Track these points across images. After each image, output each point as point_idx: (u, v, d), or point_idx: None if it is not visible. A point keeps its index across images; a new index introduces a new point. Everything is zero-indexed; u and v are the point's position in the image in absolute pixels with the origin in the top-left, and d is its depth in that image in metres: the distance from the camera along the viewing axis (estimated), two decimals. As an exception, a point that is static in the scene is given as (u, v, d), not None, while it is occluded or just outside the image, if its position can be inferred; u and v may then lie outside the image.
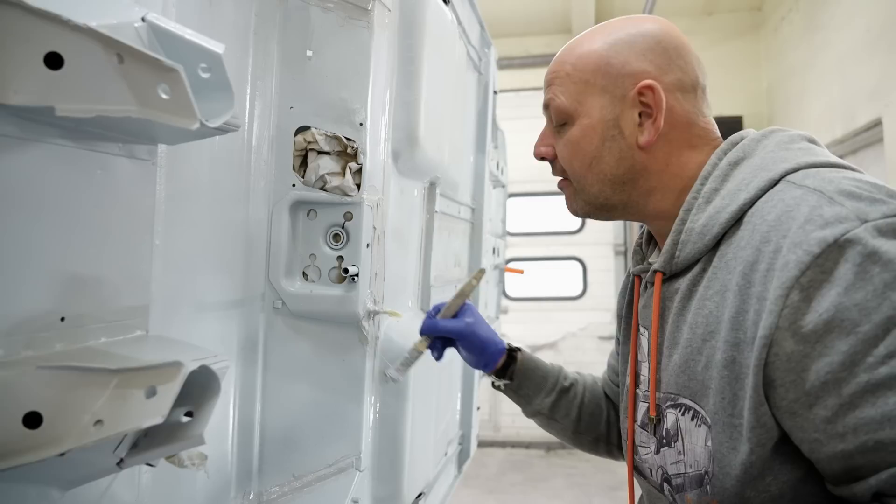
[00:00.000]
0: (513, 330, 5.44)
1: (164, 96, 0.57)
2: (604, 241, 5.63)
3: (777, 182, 0.71)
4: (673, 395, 0.78)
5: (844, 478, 0.62)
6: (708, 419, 0.71)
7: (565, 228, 5.71)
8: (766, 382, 0.64)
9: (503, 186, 2.43)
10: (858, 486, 0.60)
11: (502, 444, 5.58)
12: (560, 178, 0.89)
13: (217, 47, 0.60)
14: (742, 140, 0.80)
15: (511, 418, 5.50)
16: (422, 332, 1.06)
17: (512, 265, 5.21)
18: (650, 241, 0.97)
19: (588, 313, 5.58)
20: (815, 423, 0.61)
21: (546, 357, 1.12)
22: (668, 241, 0.80)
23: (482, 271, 1.15)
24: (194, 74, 0.62)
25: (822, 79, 4.17)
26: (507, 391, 1.10)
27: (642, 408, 0.87)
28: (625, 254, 5.57)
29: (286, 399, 1.07)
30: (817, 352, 0.60)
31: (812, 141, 0.78)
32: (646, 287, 0.90)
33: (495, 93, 2.03)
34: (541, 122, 0.90)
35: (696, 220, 0.77)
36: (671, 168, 0.82)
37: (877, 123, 3.42)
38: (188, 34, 0.61)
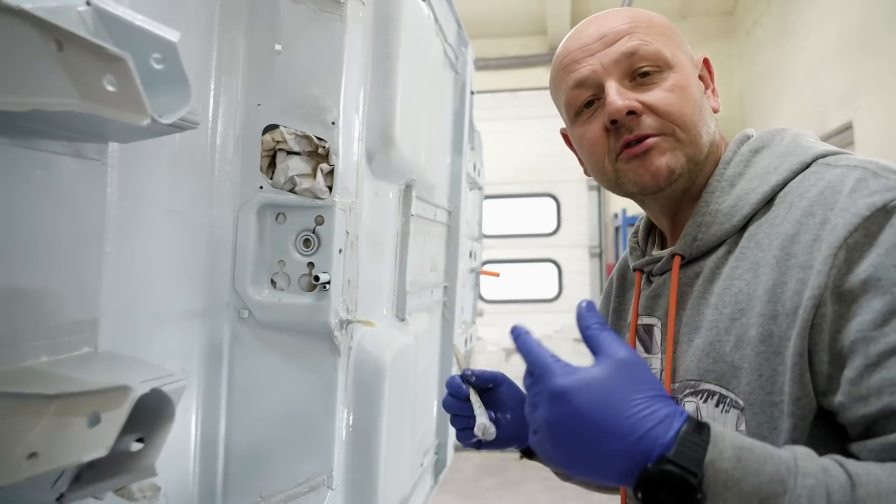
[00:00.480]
0: (488, 333, 5.41)
1: (109, 88, 0.50)
2: (579, 243, 5.63)
3: (808, 165, 0.71)
4: (693, 382, 0.74)
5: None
6: (740, 401, 0.67)
7: (541, 230, 5.70)
8: (809, 347, 0.61)
9: (480, 189, 2.38)
10: (873, 443, 0.57)
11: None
12: (649, 135, 0.75)
13: (172, 35, 0.54)
14: (752, 135, 0.81)
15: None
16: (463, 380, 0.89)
17: (487, 267, 5.18)
18: (647, 237, 0.94)
19: (563, 315, 5.57)
20: (841, 385, 0.59)
21: (520, 359, 1.05)
22: (691, 223, 0.77)
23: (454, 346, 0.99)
24: (146, 65, 0.56)
25: (794, 82, 4.21)
26: None
27: None
28: (599, 255, 5.58)
29: (253, 414, 1.00)
30: (853, 311, 0.58)
31: (815, 138, 0.78)
32: (649, 281, 0.87)
33: (472, 93, 1.98)
34: (517, 125, 0.85)
35: (720, 201, 0.75)
36: (723, 144, 0.83)
37: (847, 127, 3.46)
38: (139, 20, 0.55)
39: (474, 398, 0.86)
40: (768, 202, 0.71)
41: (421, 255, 1.54)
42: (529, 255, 5.68)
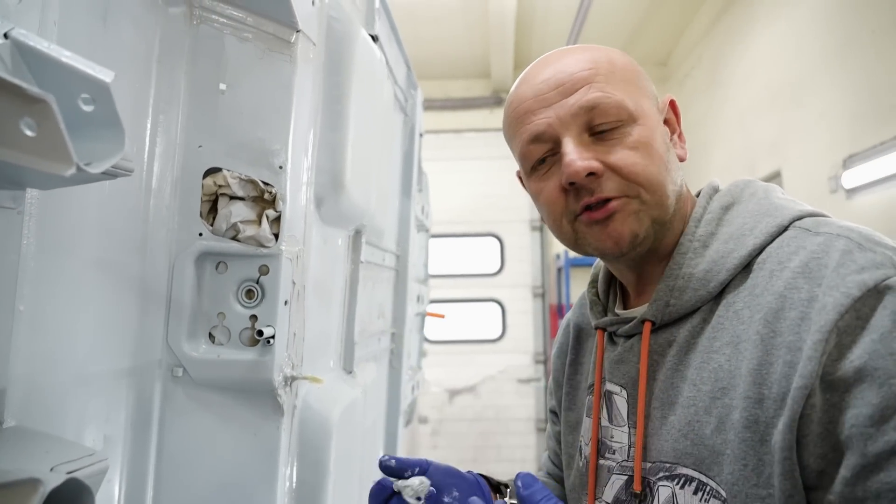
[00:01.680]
0: (433, 373, 5.32)
1: (28, 133, 0.44)
2: (522, 283, 5.65)
3: (786, 228, 0.67)
4: (668, 465, 0.67)
5: None
6: (722, 492, 0.61)
7: (484, 271, 5.71)
8: (798, 439, 0.56)
9: (427, 230, 2.35)
10: None
11: (420, 493, 5.38)
12: (611, 198, 0.70)
13: (105, 75, 0.49)
14: (719, 187, 0.78)
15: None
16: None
17: (432, 308, 5.13)
18: (607, 292, 0.88)
19: (507, 356, 5.55)
20: (835, 484, 0.54)
21: (465, 400, 1.00)
22: (662, 287, 0.72)
23: None
24: (73, 107, 0.50)
25: (725, 131, 4.41)
26: None
27: (617, 482, 0.74)
28: (542, 296, 5.61)
29: (184, 484, 0.91)
30: (846, 402, 0.54)
31: (784, 193, 0.76)
32: (612, 341, 0.81)
33: (421, 135, 1.96)
34: (461, 165, 0.81)
35: (694, 264, 0.71)
36: (689, 198, 0.78)
37: (776, 175, 3.62)
38: (66, 57, 0.48)
39: (401, 483, 0.79)
40: (745, 267, 0.67)
41: (369, 301, 1.48)
42: (473, 294, 5.66)
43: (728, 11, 4.34)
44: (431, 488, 0.80)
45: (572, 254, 5.22)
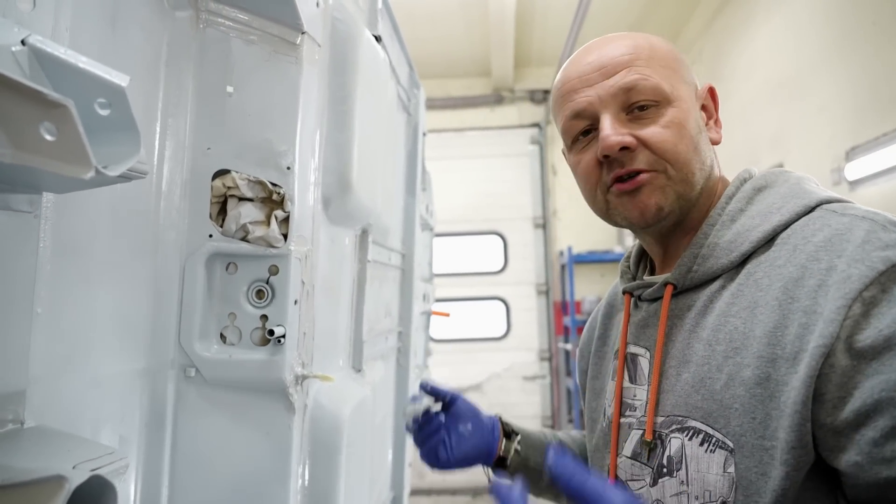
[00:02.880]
0: (439, 372, 5.32)
1: (48, 137, 0.45)
2: (526, 280, 5.66)
3: (813, 209, 0.70)
4: (680, 418, 0.71)
5: None
6: (729, 443, 0.65)
7: (488, 269, 5.71)
8: (814, 396, 0.59)
9: (431, 229, 2.35)
10: None
11: (427, 492, 5.39)
12: (640, 171, 0.75)
13: (120, 79, 0.49)
14: (754, 173, 0.81)
15: (436, 464, 5.34)
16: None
17: (436, 307, 5.14)
18: (638, 264, 0.93)
19: (512, 353, 5.55)
20: (859, 444, 0.57)
21: (471, 398, 1.04)
22: (687, 253, 0.77)
23: None
24: (90, 111, 0.51)
25: (727, 125, 4.38)
26: (516, 465, 1.01)
27: (635, 436, 0.79)
28: (546, 293, 5.62)
29: (199, 482, 0.92)
30: (872, 368, 0.57)
31: (817, 184, 0.79)
32: (637, 305, 0.86)
33: (424, 134, 1.97)
34: (463, 164, 0.84)
35: (720, 235, 0.75)
36: (721, 179, 0.82)
37: (779, 168, 3.62)
38: (83, 62, 0.49)
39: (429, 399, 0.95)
40: (769, 241, 0.71)
41: (376, 300, 1.49)
42: (477, 293, 5.67)
43: (727, 6, 4.33)
44: (438, 413, 0.97)
45: (576, 250, 5.23)
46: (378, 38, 1.28)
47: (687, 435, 0.70)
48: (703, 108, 0.83)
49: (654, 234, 0.83)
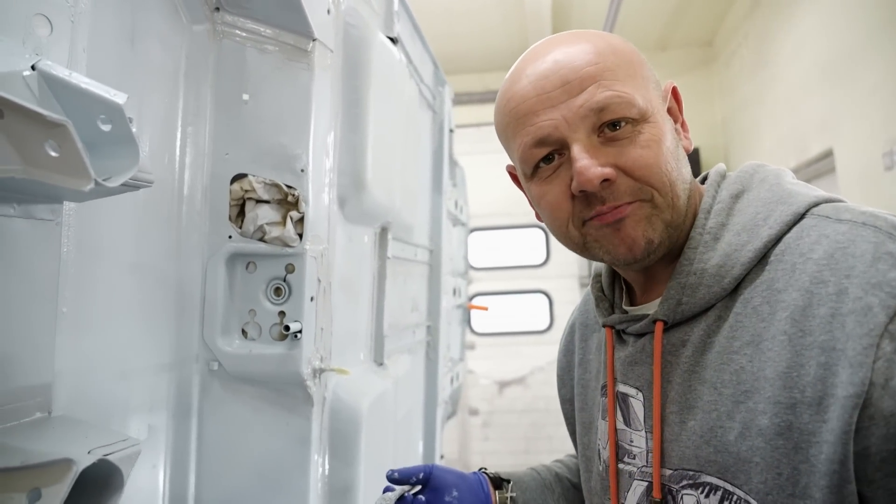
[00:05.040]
0: (482, 366, 5.36)
1: (52, 154, 0.50)
2: (568, 273, 5.61)
3: (802, 216, 0.62)
4: (692, 473, 0.63)
5: None
6: (752, 501, 0.57)
7: (530, 262, 5.70)
8: (857, 452, 0.52)
9: (463, 224, 2.38)
10: None
11: (473, 484, 5.43)
12: (622, 203, 0.65)
13: (118, 97, 0.54)
14: (726, 173, 0.73)
15: (481, 457, 5.38)
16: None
17: (477, 301, 5.16)
18: (612, 287, 0.82)
19: (555, 347, 5.48)
20: None
21: (515, 392, 1.01)
22: (673, 284, 0.67)
23: None
24: (93, 127, 0.55)
25: (774, 111, 4.27)
26: None
27: (638, 487, 0.71)
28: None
29: (224, 469, 0.98)
30: None
31: (794, 177, 0.71)
32: (621, 339, 0.76)
33: (451, 131, 1.99)
34: (503, 157, 0.76)
35: (706, 259, 0.66)
36: (697, 189, 0.72)
37: (828, 154, 3.50)
38: (84, 83, 0.54)
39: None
40: (761, 260, 0.63)
41: (401, 296, 1.53)
42: (519, 286, 5.66)
43: (774, -14, 4.20)
44: (416, 495, 0.83)
45: (619, 242, 5.15)
46: (394, 40, 1.31)
47: (702, 492, 0.62)
48: (669, 111, 0.72)
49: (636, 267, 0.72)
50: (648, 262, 0.68)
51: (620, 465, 0.73)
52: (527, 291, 5.69)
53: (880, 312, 0.52)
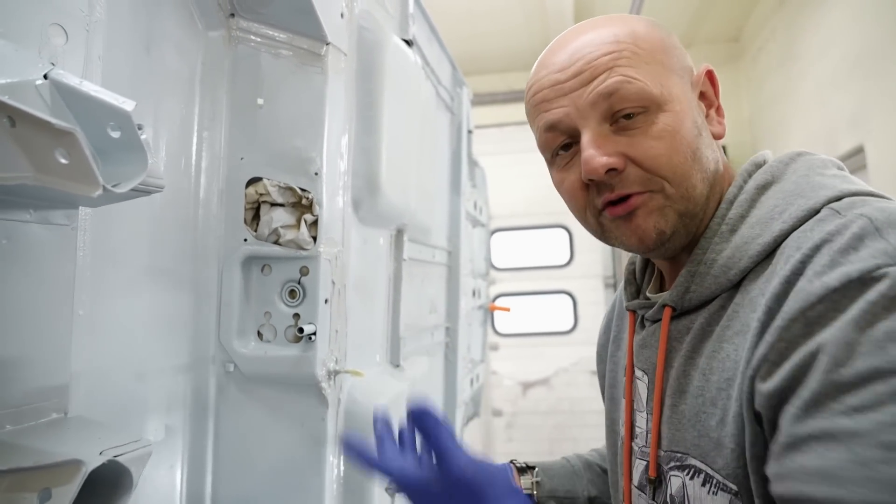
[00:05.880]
0: (505, 366, 5.35)
1: (62, 161, 0.51)
2: (593, 273, 5.57)
3: (818, 211, 0.60)
4: (680, 455, 0.65)
5: None
6: (731, 485, 0.58)
7: (554, 262, 5.67)
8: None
9: (483, 225, 2.37)
10: None
11: (497, 485, 5.42)
12: (632, 193, 0.66)
13: (126, 104, 0.55)
14: (765, 162, 0.71)
15: (505, 458, 5.36)
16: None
17: (500, 301, 5.14)
18: (644, 271, 0.85)
19: (579, 347, 5.48)
20: (770, 463, 0.53)
21: (539, 393, 1.01)
22: (684, 271, 0.68)
23: None
24: (103, 134, 0.56)
25: (803, 107, 4.18)
26: (543, 497, 0.94)
27: (640, 465, 0.75)
28: (614, 286, 5.51)
29: (240, 469, 0.99)
30: (791, 387, 0.51)
31: (842, 168, 0.68)
32: (642, 324, 0.78)
33: (470, 132, 1.99)
34: (525, 157, 0.78)
35: (718, 249, 0.66)
36: (728, 176, 0.72)
37: (859, 150, 3.41)
38: (94, 91, 0.55)
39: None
40: (770, 254, 0.62)
41: (419, 297, 1.53)
42: (543, 287, 5.63)
43: (802, -20, 4.11)
44: None
45: (644, 242, 5.09)
46: (409, 42, 1.31)
47: (688, 474, 0.64)
48: (703, 95, 0.72)
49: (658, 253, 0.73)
50: (665, 251, 0.70)
51: (633, 444, 0.77)
52: (551, 292, 5.66)
53: (803, 299, 0.52)
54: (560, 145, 0.71)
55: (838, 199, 0.60)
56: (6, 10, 0.60)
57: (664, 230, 0.67)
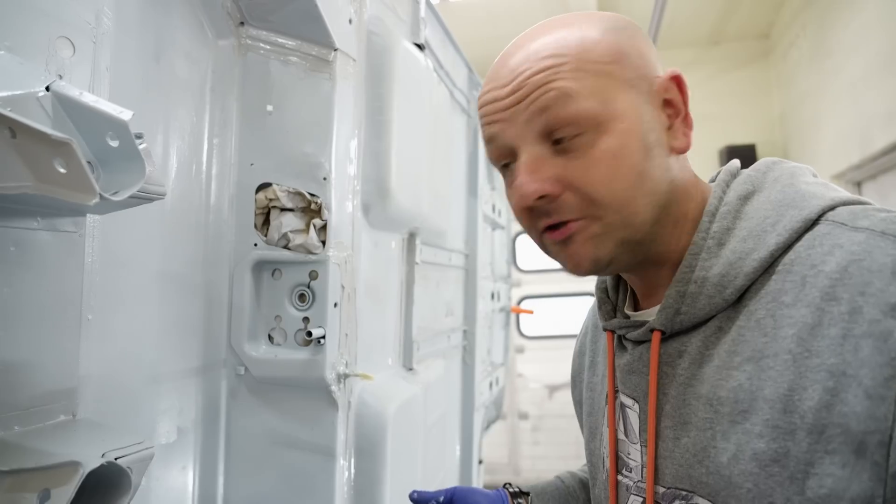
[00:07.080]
0: (531, 369, 5.32)
1: (61, 170, 0.52)
2: (620, 275, 5.51)
3: (815, 222, 0.57)
4: (685, 493, 0.60)
5: None
6: None
7: (580, 264, 5.62)
8: (886, 496, 0.48)
9: (503, 228, 2.36)
10: None
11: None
12: (568, 220, 0.62)
13: (123, 114, 0.56)
14: (740, 171, 0.67)
15: (531, 461, 5.34)
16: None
17: (525, 304, 5.12)
18: (617, 288, 0.79)
19: (607, 350, 5.43)
20: None
21: (565, 396, 0.99)
22: (672, 291, 0.63)
23: None
24: (103, 143, 0.58)
25: (836, 103, 4.08)
26: None
27: (635, 501, 0.69)
28: (642, 288, 5.44)
29: (251, 471, 1.00)
30: None
31: (816, 175, 0.65)
32: (621, 345, 0.73)
33: (488, 134, 1.98)
34: None
35: (708, 266, 0.62)
36: (696, 191, 0.67)
37: (894, 148, 3.31)
38: (93, 101, 0.57)
39: None
40: (767, 269, 0.58)
41: (434, 300, 1.53)
42: (569, 289, 5.59)
43: (833, -27, 4.01)
44: None
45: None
46: (421, 47, 1.31)
47: None
48: (668, 103, 0.65)
49: (630, 269, 0.69)
50: (608, 273, 0.67)
51: (619, 478, 0.71)
52: (576, 294, 5.61)
53: None
54: (502, 164, 0.67)
55: (831, 208, 0.58)
56: (14, 25, 0.62)
57: (600, 258, 0.63)
